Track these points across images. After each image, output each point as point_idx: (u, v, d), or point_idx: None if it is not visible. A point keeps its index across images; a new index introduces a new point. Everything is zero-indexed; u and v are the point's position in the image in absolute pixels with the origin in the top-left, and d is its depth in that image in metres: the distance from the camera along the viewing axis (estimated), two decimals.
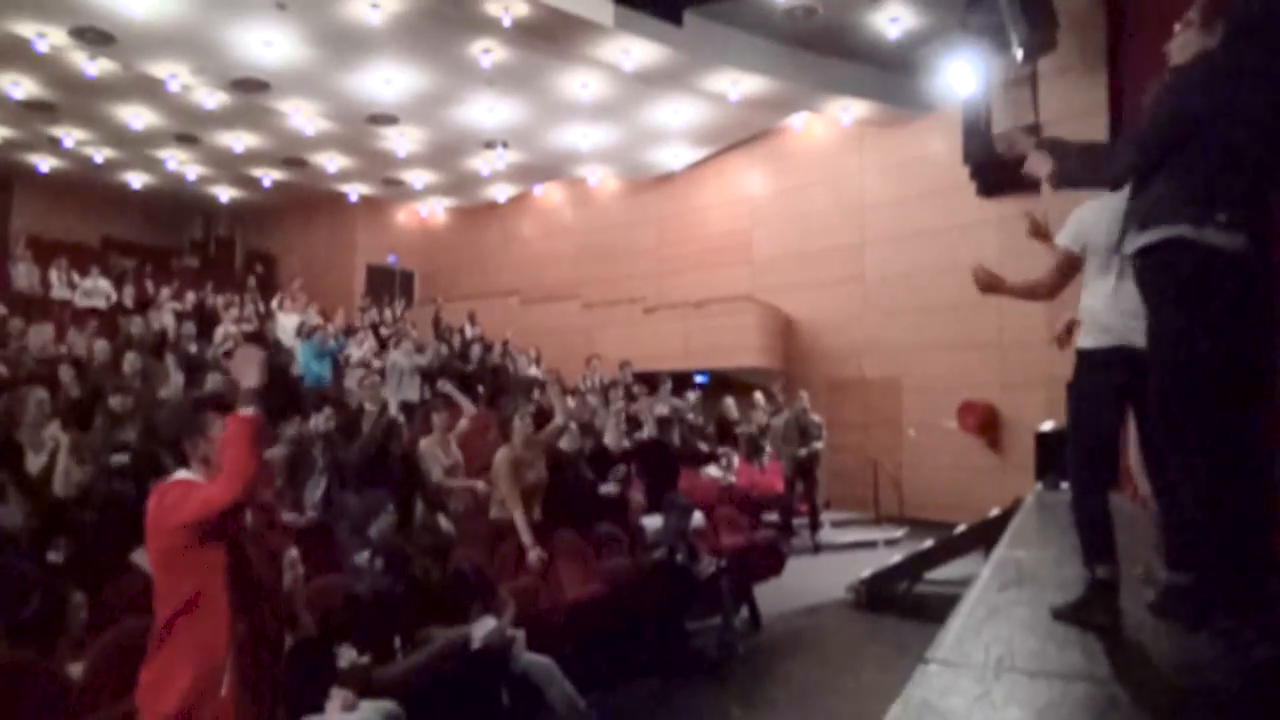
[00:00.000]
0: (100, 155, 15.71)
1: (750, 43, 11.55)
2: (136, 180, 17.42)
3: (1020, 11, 8.18)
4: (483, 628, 4.15)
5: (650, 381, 11.58)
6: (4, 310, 9.38)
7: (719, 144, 14.95)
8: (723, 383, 14.13)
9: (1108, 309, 2.74)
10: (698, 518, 6.80)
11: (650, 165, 15.74)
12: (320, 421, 5.69)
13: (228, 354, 8.65)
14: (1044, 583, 3.42)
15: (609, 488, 6.56)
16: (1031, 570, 3.77)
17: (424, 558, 4.28)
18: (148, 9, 9.89)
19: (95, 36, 10.53)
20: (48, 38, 10.49)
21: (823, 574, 8.69)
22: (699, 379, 14.43)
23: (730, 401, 11.63)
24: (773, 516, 10.37)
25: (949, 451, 12.33)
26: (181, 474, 2.52)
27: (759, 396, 11.85)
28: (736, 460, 11.07)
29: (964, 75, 10.57)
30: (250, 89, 12.25)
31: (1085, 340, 2.82)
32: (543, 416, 7.09)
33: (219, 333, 11.05)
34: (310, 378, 10.72)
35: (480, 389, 10.83)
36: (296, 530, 4.91)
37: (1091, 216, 2.84)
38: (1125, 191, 2.58)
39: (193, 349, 8.62)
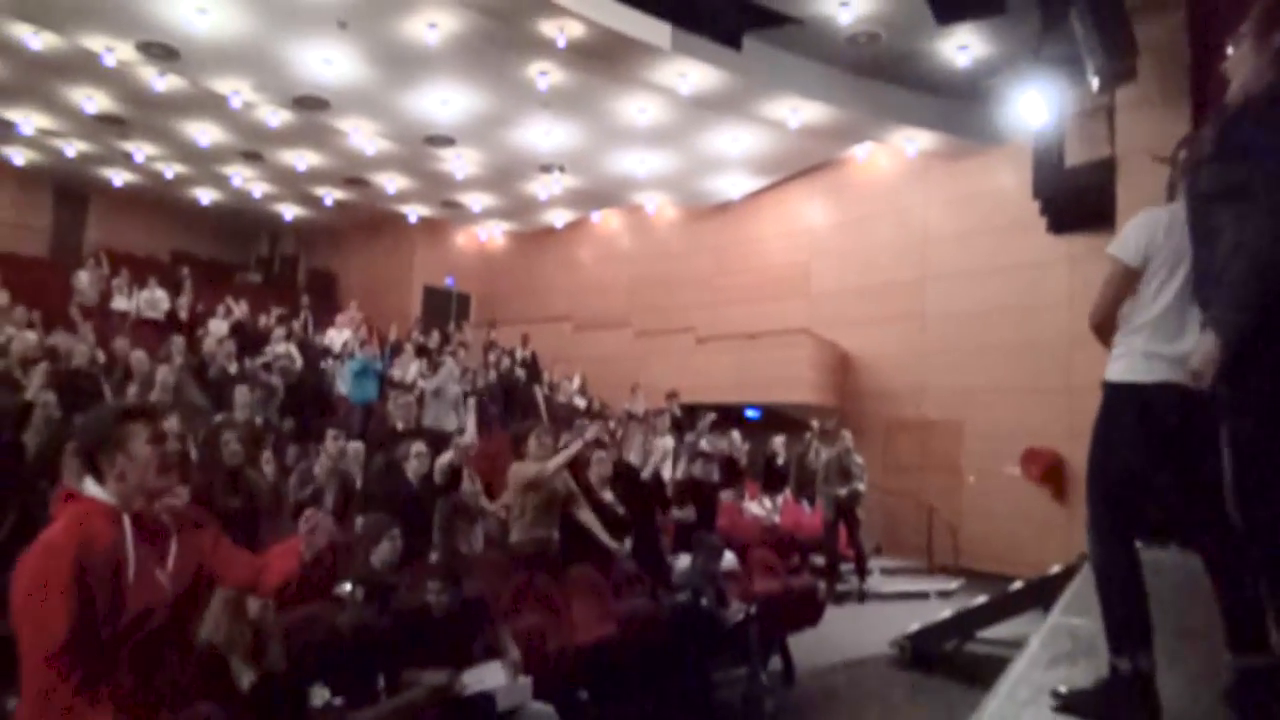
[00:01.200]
0: (171, 170, 16.07)
1: (811, 69, 11.25)
2: (205, 196, 17.80)
3: (1098, 41, 7.73)
4: (482, 676, 3.83)
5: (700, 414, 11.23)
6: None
7: (778, 173, 14.63)
8: (775, 418, 13.71)
9: (1157, 335, 2.30)
10: (729, 559, 6.41)
11: (708, 193, 15.49)
12: (329, 444, 5.47)
13: (266, 367, 8.58)
14: (1100, 658, 2.99)
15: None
16: (1088, 642, 3.30)
17: (435, 586, 3.98)
18: (211, 25, 10.01)
19: (161, 51, 10.71)
20: (115, 52, 10.70)
21: (867, 625, 8.17)
22: (750, 413, 14.04)
23: (778, 440, 11.19)
24: (819, 560, 9.92)
25: (1010, 501, 11.67)
26: (91, 488, 2.11)
27: (809, 434, 11.41)
28: (781, 499, 10.67)
29: (1035, 106, 10.10)
30: (311, 107, 12.36)
31: (1122, 370, 2.35)
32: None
33: (268, 350, 11.08)
34: (355, 397, 10.67)
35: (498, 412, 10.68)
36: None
37: (1152, 222, 2.42)
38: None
39: (231, 367, 8.55)
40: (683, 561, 6.14)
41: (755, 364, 13.70)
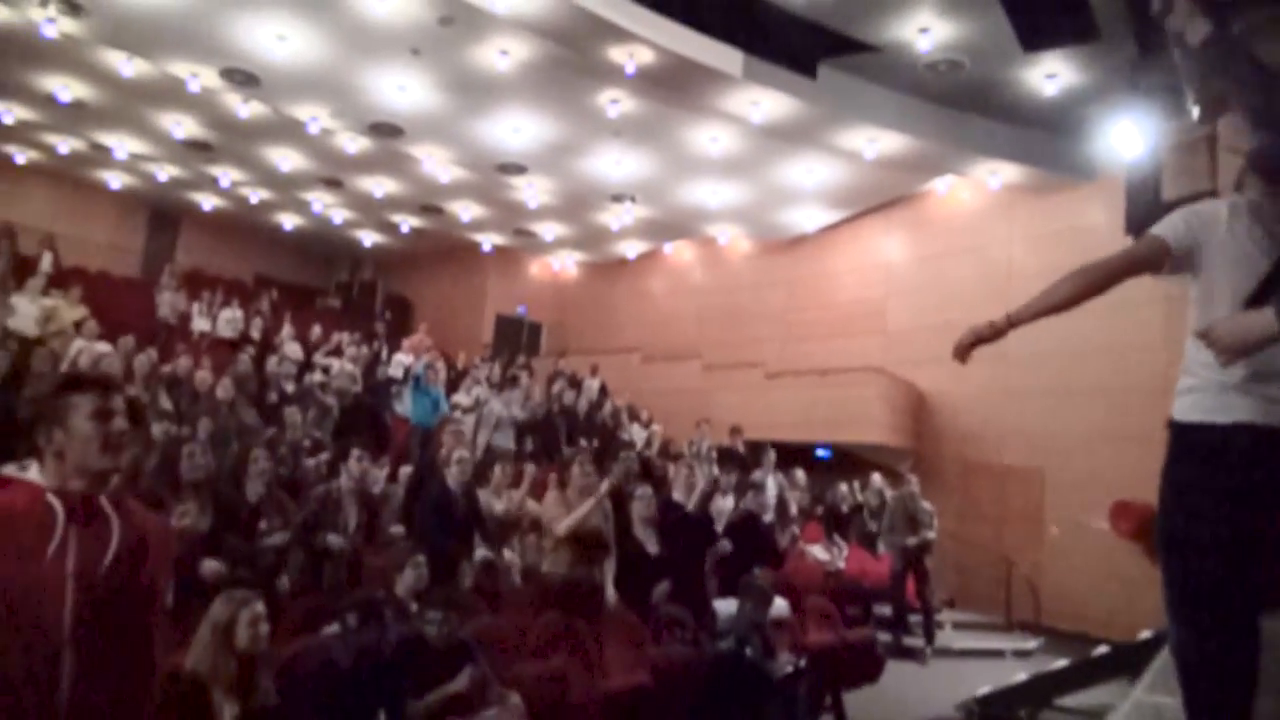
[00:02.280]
0: (256, 196, 16.53)
1: (889, 98, 10.89)
2: (288, 222, 18.27)
3: (1198, 69, 7.22)
4: None
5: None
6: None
7: (854, 207, 14.23)
8: (846, 459, 13.21)
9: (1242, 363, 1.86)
10: (780, 606, 6.01)
11: (782, 226, 15.16)
12: (351, 464, 5.32)
13: (323, 387, 8.56)
14: None
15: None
16: None
17: (434, 616, 3.74)
18: (290, 52, 10.22)
19: (242, 78, 10.99)
20: (200, 78, 11.02)
21: (932, 684, 7.62)
22: (820, 453, 13.55)
23: (844, 487, 10.72)
24: (885, 610, 9.38)
25: (1097, 556, 10.85)
26: (10, 470, 1.92)
27: (876, 476, 10.89)
28: (846, 545, 10.17)
29: (1129, 137, 9.51)
30: (386, 134, 12.52)
31: (1190, 409, 1.97)
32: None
33: (334, 368, 11.15)
34: (417, 419, 10.63)
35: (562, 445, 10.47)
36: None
37: (1210, 213, 2.03)
38: None
39: (289, 387, 8.56)
40: (728, 606, 5.76)
41: (826, 401, 13.23)
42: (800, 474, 10.64)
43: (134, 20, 9.82)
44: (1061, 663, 7.27)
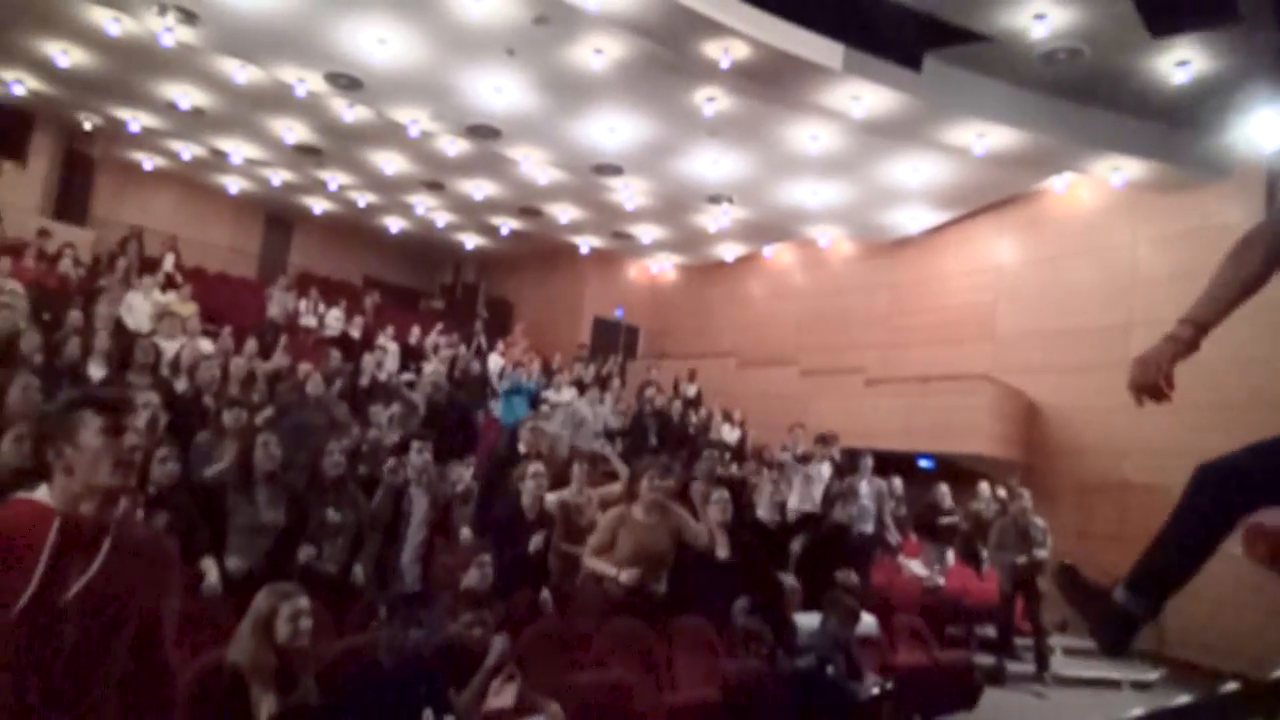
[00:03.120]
0: (363, 199, 17.00)
1: (1000, 91, 10.30)
2: (394, 225, 18.74)
3: None
4: None
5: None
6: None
7: (963, 207, 13.59)
8: (950, 470, 12.59)
9: None
10: (868, 623, 5.68)
11: (885, 227, 14.62)
12: (413, 457, 5.24)
13: (410, 385, 8.63)
14: None
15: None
16: None
17: (469, 618, 3.61)
18: (390, 55, 10.40)
19: (346, 82, 11.25)
20: (306, 83, 11.34)
21: (1038, 714, 7.10)
22: (923, 463, 12.97)
23: (944, 489, 10.16)
24: (989, 632, 8.84)
25: (1228, 583, 9.79)
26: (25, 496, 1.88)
27: (984, 487, 10.31)
28: (950, 558, 9.66)
29: (1270, 129, 8.76)
30: (484, 136, 12.63)
31: None
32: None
33: (426, 368, 11.30)
34: (505, 418, 10.66)
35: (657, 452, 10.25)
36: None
37: None
38: None
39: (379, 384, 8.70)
40: (810, 621, 5.45)
41: (929, 410, 12.65)
42: (898, 483, 10.17)
43: (244, 27, 10.16)
44: (1185, 697, 6.68)
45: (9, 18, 11.00)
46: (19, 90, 13.06)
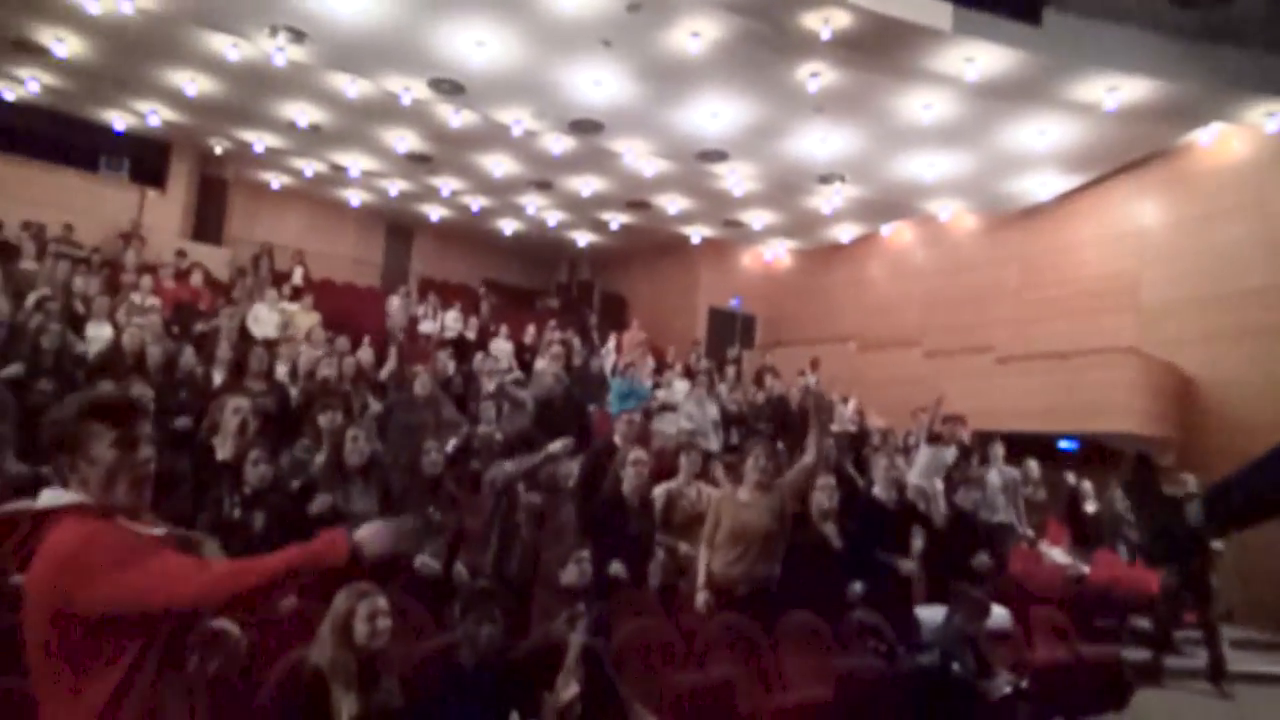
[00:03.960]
0: (476, 204, 17.30)
1: (1131, 38, 9.49)
2: (508, 226, 19.01)
3: None
4: None
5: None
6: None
7: (1097, 169, 12.65)
8: (1095, 451, 11.77)
9: None
10: (1000, 616, 5.26)
11: (1011, 197, 13.78)
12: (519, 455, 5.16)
13: (518, 383, 8.64)
14: None
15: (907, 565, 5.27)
16: None
17: (568, 614, 3.48)
18: (489, 57, 10.47)
19: (449, 87, 11.42)
20: (411, 91, 11.58)
21: (1197, 714, 6.45)
22: (1064, 445, 12.18)
23: (1087, 487, 9.48)
24: (1144, 623, 8.12)
25: None
26: (56, 495, 1.79)
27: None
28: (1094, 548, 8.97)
29: None
30: (586, 130, 12.59)
31: None
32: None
33: (538, 365, 11.35)
34: (618, 414, 10.59)
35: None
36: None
37: None
38: None
39: (490, 384, 8.76)
40: (934, 614, 5.09)
41: (1069, 387, 11.84)
42: (1034, 467, 9.51)
43: (348, 40, 10.44)
44: None
45: (143, 53, 11.68)
46: (155, 120, 13.88)
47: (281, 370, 7.35)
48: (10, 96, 13.42)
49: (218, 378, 6.70)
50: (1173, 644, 8.00)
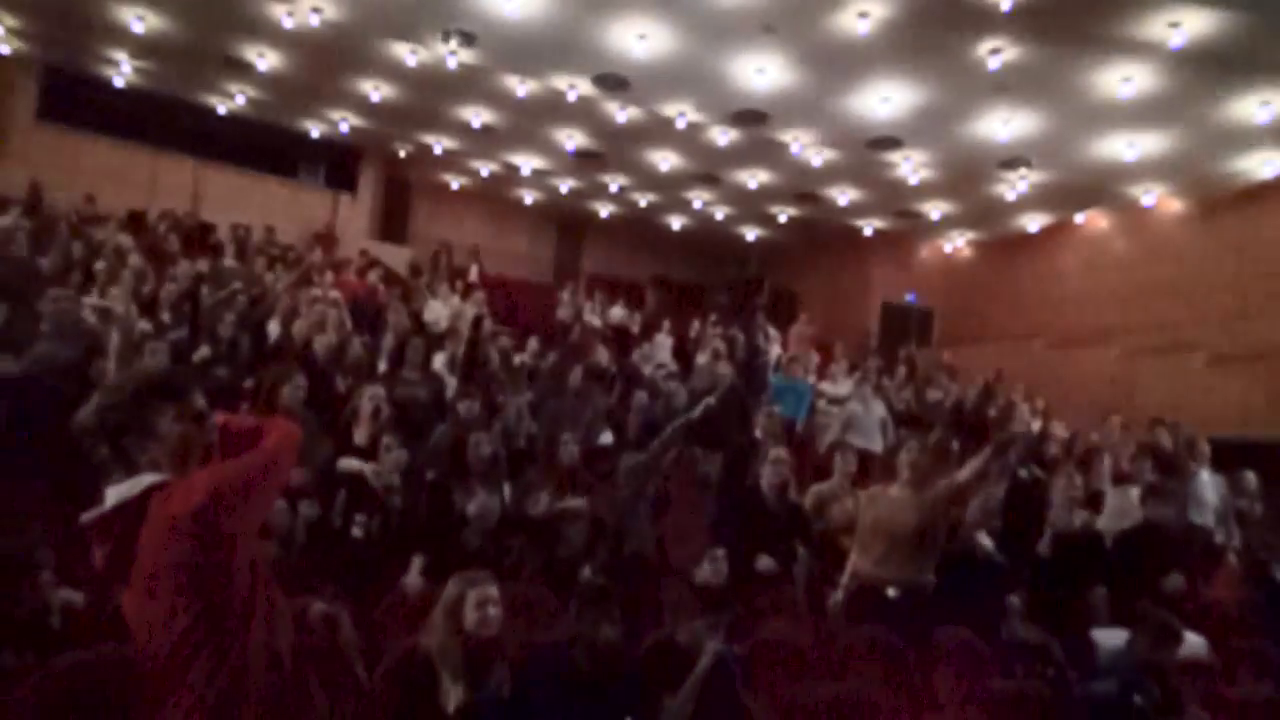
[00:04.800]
0: (644, 199, 17.42)
1: None
2: (676, 222, 19.02)
3: None
4: None
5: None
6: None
7: None
8: None
9: None
10: (1195, 644, 4.64)
11: (1226, 177, 12.37)
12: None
13: (670, 376, 8.55)
14: None
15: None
16: None
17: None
18: (650, 50, 10.44)
19: (613, 82, 11.49)
20: (577, 88, 11.74)
21: None
22: None
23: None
24: None
25: None
26: (133, 483, 1.74)
27: None
28: None
29: None
30: (750, 121, 12.35)
31: None
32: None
33: (698, 360, 11.24)
34: (783, 412, 10.32)
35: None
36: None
37: None
38: None
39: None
40: (1114, 638, 4.54)
41: None
42: (1251, 478, 8.45)
43: (515, 40, 10.69)
44: None
45: (332, 64, 12.47)
46: (345, 127, 14.83)
47: (439, 361, 7.59)
48: (223, 110, 14.70)
49: (381, 367, 7.00)
50: None
